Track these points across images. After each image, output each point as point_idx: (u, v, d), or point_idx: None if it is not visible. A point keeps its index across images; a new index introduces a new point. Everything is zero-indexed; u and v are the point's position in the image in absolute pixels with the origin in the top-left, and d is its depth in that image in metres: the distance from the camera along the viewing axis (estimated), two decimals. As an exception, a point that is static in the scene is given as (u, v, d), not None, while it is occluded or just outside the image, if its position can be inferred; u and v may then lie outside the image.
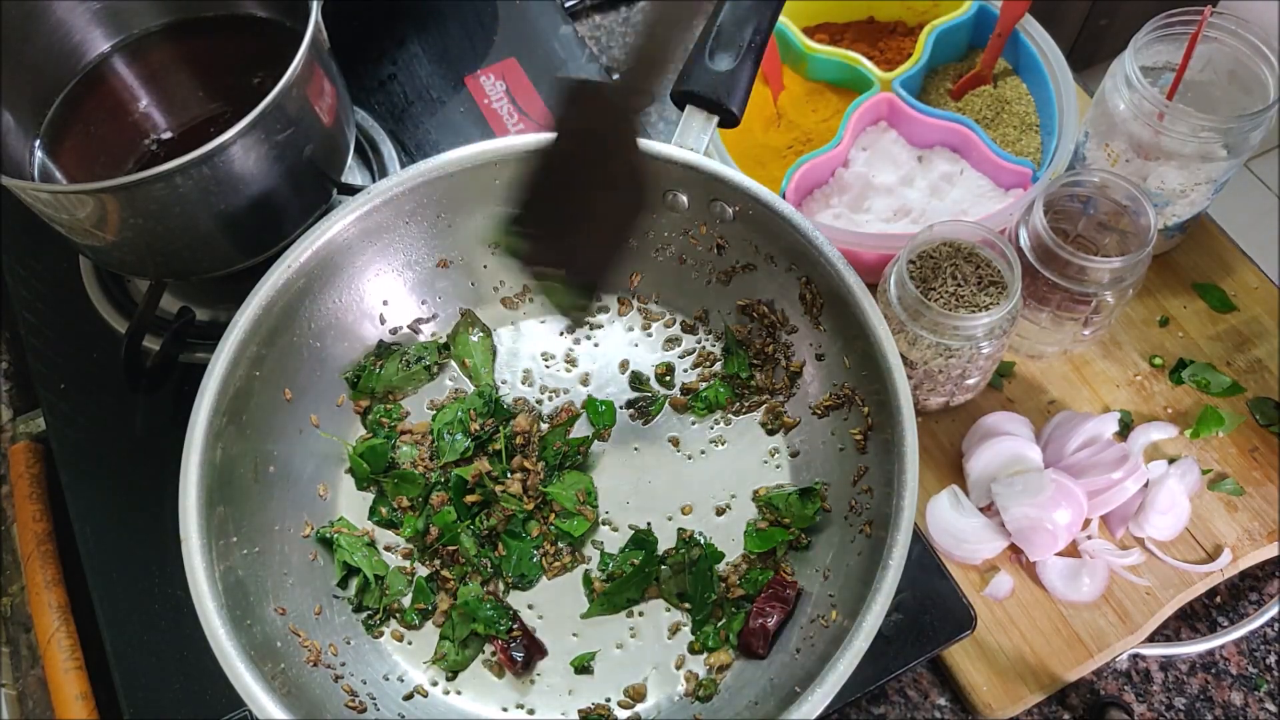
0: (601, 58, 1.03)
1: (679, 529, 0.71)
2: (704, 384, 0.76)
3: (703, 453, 0.75)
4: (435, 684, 0.68)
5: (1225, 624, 0.76)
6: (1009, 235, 0.76)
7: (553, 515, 0.72)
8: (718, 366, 0.77)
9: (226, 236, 0.72)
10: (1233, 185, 0.81)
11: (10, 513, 0.80)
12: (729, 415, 0.76)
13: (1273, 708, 0.72)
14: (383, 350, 0.76)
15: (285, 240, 0.72)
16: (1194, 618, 0.77)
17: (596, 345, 0.79)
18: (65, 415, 0.80)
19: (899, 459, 0.62)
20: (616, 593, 0.69)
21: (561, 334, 0.79)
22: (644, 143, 0.63)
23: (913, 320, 0.71)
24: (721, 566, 0.70)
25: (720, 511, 0.72)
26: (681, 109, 0.71)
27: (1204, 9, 0.75)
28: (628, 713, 0.66)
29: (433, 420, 0.75)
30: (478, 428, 0.74)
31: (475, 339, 0.78)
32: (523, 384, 0.77)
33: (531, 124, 0.91)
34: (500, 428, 0.74)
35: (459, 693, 0.68)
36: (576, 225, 0.65)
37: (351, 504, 0.73)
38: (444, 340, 0.78)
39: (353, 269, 0.73)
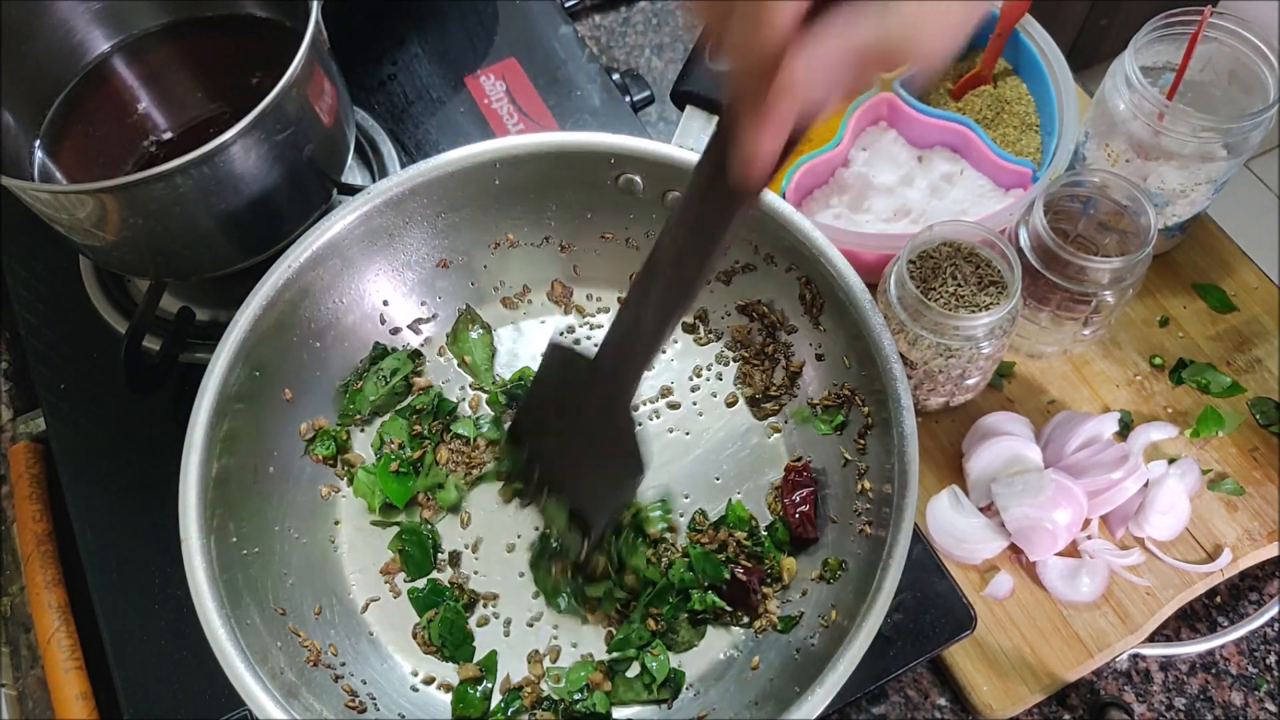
0: (601, 58, 1.03)
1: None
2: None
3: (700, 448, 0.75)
4: (433, 681, 0.68)
5: (1225, 624, 0.76)
6: (1009, 235, 0.76)
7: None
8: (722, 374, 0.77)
9: (226, 236, 0.71)
10: (1233, 185, 0.80)
11: (10, 513, 0.80)
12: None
13: (1273, 708, 0.72)
14: (361, 370, 0.76)
15: (285, 240, 0.72)
16: (1194, 618, 0.77)
17: (596, 346, 0.79)
18: (65, 415, 0.80)
19: (899, 459, 0.62)
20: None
21: (562, 334, 0.79)
22: (633, 420, 0.61)
23: (913, 320, 0.71)
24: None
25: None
26: (681, 109, 0.71)
27: (1204, 9, 0.75)
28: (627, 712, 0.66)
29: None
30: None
31: (475, 335, 0.78)
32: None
33: (531, 124, 0.91)
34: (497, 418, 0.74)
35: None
36: (572, 466, 0.65)
37: (352, 504, 0.73)
38: (415, 349, 0.78)
39: (352, 269, 0.73)
